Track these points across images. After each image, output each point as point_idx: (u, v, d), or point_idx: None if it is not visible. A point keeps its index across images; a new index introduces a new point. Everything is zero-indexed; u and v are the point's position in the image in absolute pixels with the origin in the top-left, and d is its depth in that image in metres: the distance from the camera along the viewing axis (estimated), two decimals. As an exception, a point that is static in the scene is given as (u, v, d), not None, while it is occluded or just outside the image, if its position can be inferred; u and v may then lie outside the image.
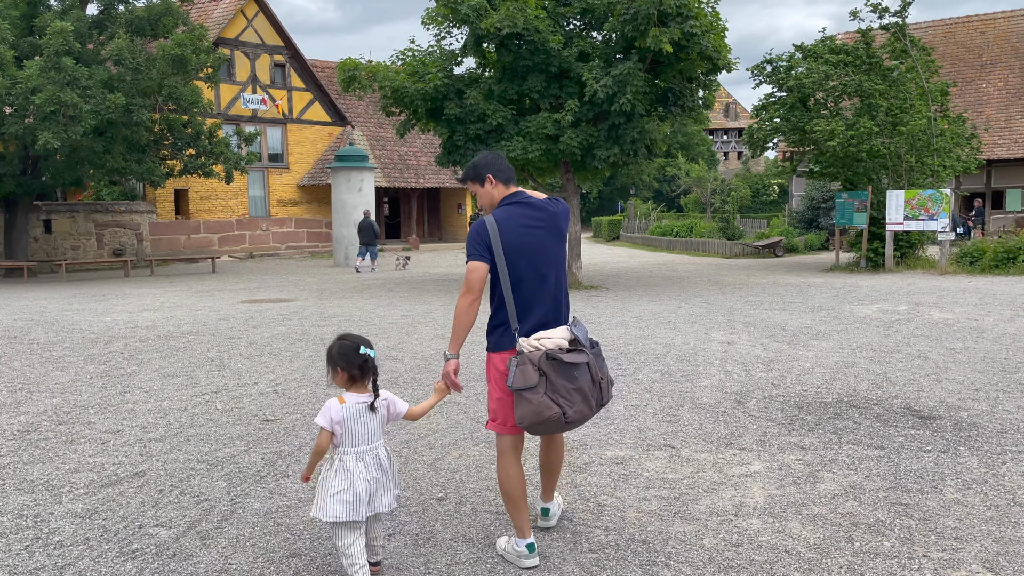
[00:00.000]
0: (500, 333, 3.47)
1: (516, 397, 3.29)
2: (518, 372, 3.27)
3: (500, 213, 3.48)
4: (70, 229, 23.52)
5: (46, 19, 17.36)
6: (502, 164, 3.57)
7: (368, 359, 3.32)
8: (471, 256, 3.40)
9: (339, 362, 3.33)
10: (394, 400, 3.45)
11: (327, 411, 3.31)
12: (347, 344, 3.33)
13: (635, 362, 7.90)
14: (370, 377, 3.36)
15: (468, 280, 3.39)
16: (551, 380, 3.26)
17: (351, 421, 3.31)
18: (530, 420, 3.27)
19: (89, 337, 9.91)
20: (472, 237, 3.42)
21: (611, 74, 13.67)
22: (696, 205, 53.73)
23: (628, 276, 18.33)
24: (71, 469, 4.87)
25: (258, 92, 27.96)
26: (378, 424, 3.39)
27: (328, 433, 3.33)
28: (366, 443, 3.33)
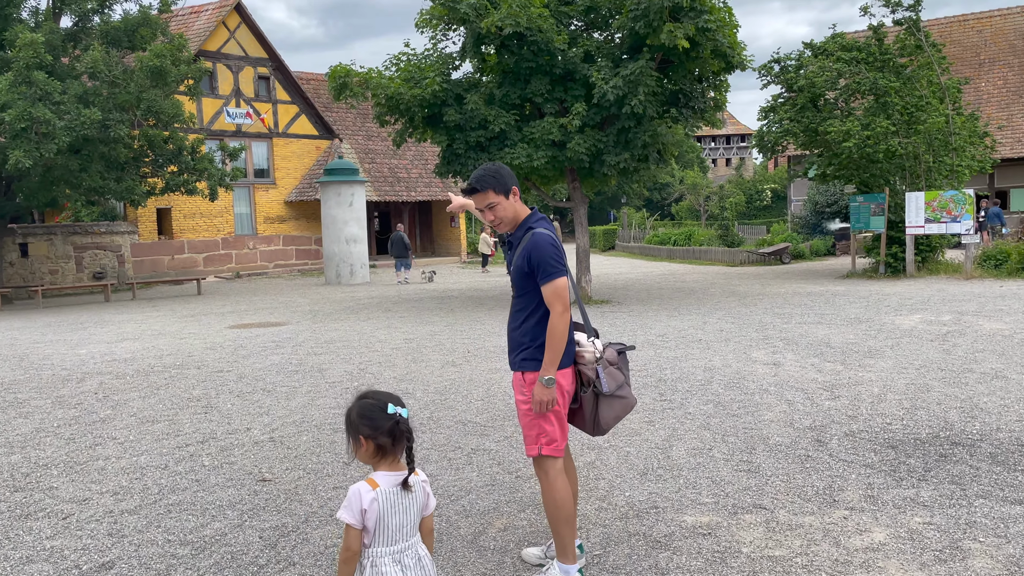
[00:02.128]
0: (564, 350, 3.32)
1: (606, 401, 3.39)
2: (608, 376, 3.38)
3: (548, 227, 3.38)
4: (48, 252, 22.42)
5: (15, 31, 16.35)
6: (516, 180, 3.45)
7: (399, 420, 2.57)
8: (558, 272, 3.25)
9: (362, 428, 2.56)
10: (428, 487, 2.71)
11: (355, 500, 2.52)
12: (371, 403, 2.58)
13: (679, 391, 6.98)
14: (403, 445, 2.59)
15: (563, 298, 3.24)
16: (624, 373, 3.48)
17: (387, 511, 2.54)
18: (622, 415, 3.47)
19: (60, 375, 8.89)
20: (552, 253, 3.27)
21: (621, 74, 12.82)
22: (689, 212, 53.06)
23: (637, 288, 17.44)
24: (22, 559, 3.88)
25: (242, 106, 26.98)
26: (418, 511, 2.63)
27: (358, 532, 2.54)
28: (404, 539, 2.57)
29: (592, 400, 3.40)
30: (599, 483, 4.68)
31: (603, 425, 3.42)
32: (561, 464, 3.38)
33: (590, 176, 14.82)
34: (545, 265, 3.22)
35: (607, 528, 4.02)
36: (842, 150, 16.57)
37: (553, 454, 3.33)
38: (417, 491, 2.62)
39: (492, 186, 3.34)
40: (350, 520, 2.52)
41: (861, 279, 17.09)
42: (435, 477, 4.89)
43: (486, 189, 3.35)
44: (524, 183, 15.44)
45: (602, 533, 3.96)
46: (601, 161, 13.77)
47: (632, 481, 4.69)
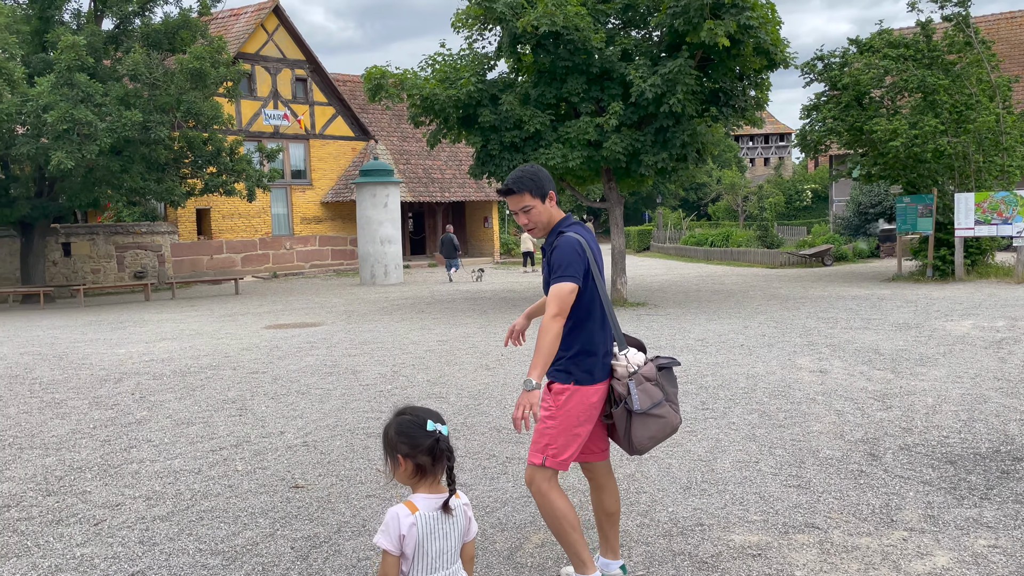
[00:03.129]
0: (595, 363, 3.20)
1: (640, 420, 3.16)
2: (641, 393, 3.15)
3: (582, 233, 3.26)
4: (90, 252, 22.80)
5: (57, 33, 16.60)
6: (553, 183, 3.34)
7: (439, 438, 2.40)
8: (571, 276, 3.10)
9: (400, 447, 2.39)
10: (470, 511, 2.52)
11: (392, 524, 2.35)
12: (409, 420, 2.42)
13: (720, 398, 6.75)
14: (443, 465, 2.42)
15: (563, 302, 3.08)
16: (666, 391, 3.23)
17: (426, 536, 2.36)
18: (660, 436, 3.21)
19: (98, 375, 8.93)
20: (572, 257, 3.13)
21: (659, 73, 12.59)
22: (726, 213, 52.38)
23: (673, 290, 17.15)
24: (51, 568, 3.82)
25: (279, 107, 27.18)
26: (458, 537, 2.45)
27: (395, 559, 2.36)
28: (444, 567, 2.39)
29: (625, 417, 3.19)
30: (640, 497, 4.50)
31: (636, 445, 3.20)
32: (555, 479, 3.23)
33: (627, 176, 14.60)
34: (560, 266, 3.13)
35: (650, 546, 3.84)
36: (888, 149, 16.13)
37: (557, 467, 3.19)
38: (459, 515, 2.45)
39: (529, 188, 3.25)
40: (388, 546, 2.36)
41: (908, 282, 16.61)
42: (469, 487, 4.75)
43: (523, 191, 3.25)
44: (559, 183, 15.26)
45: (645, 551, 3.78)
46: (638, 161, 13.54)
47: (675, 496, 4.50)
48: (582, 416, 3.19)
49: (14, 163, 17.90)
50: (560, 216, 3.34)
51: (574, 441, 3.20)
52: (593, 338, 3.21)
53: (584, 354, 3.19)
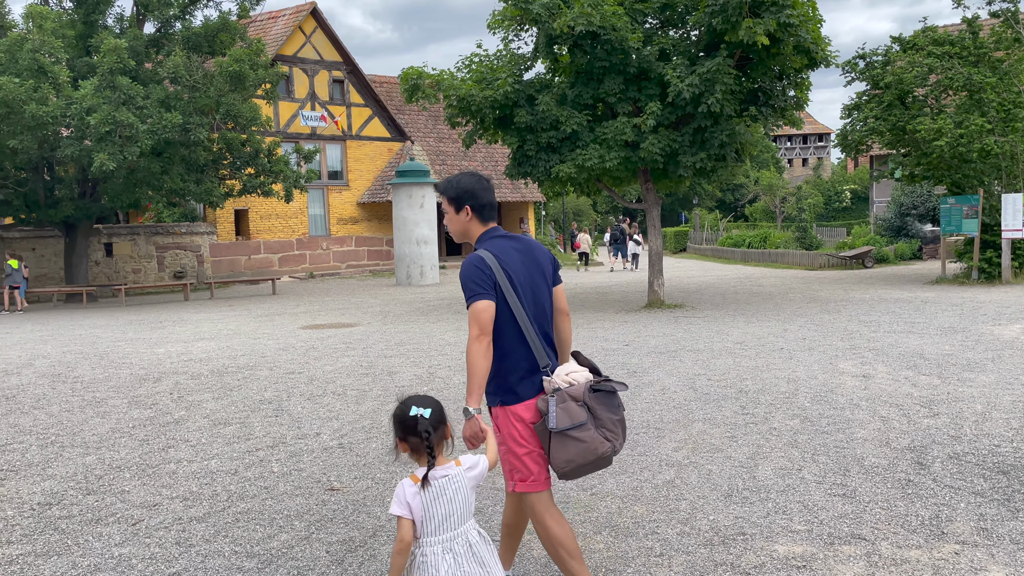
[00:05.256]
0: (518, 380, 3.07)
1: (558, 440, 2.97)
2: (560, 411, 2.96)
3: (494, 247, 3.14)
4: (131, 252, 23.21)
5: (100, 37, 16.91)
6: (487, 197, 3.22)
7: (419, 420, 2.69)
8: (477, 295, 3.00)
9: (397, 432, 2.76)
10: (472, 460, 2.81)
11: (400, 494, 2.67)
12: (400, 410, 2.75)
13: (761, 403, 6.61)
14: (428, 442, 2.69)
15: (480, 321, 2.96)
16: (597, 415, 3.02)
17: (431, 503, 2.66)
18: (579, 461, 2.97)
19: (138, 374, 9.05)
20: (472, 274, 3.04)
21: (697, 72, 12.42)
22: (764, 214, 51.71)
23: (711, 292, 16.94)
24: (90, 567, 3.84)
25: (317, 109, 27.43)
26: (466, 498, 2.74)
27: (409, 521, 2.67)
28: (452, 527, 2.69)
29: (545, 436, 3.03)
30: (680, 504, 4.41)
31: (555, 467, 3.00)
32: (546, 497, 3.12)
33: (664, 177, 14.44)
34: (465, 289, 3.05)
35: (691, 556, 3.75)
36: (932, 149, 15.74)
37: (530, 489, 3.09)
38: (460, 482, 2.71)
39: (447, 195, 3.23)
40: (401, 512, 2.65)
41: (952, 285, 16.20)
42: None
43: (443, 195, 3.26)
44: (595, 184, 15.16)
45: (686, 561, 3.69)
46: (676, 162, 13.38)
47: (716, 503, 4.40)
48: (522, 435, 3.08)
49: (59, 165, 18.29)
50: (479, 232, 3.23)
51: (532, 460, 3.08)
52: (510, 355, 3.08)
53: (502, 372, 3.09)
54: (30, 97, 15.30)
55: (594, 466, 3.03)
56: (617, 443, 3.06)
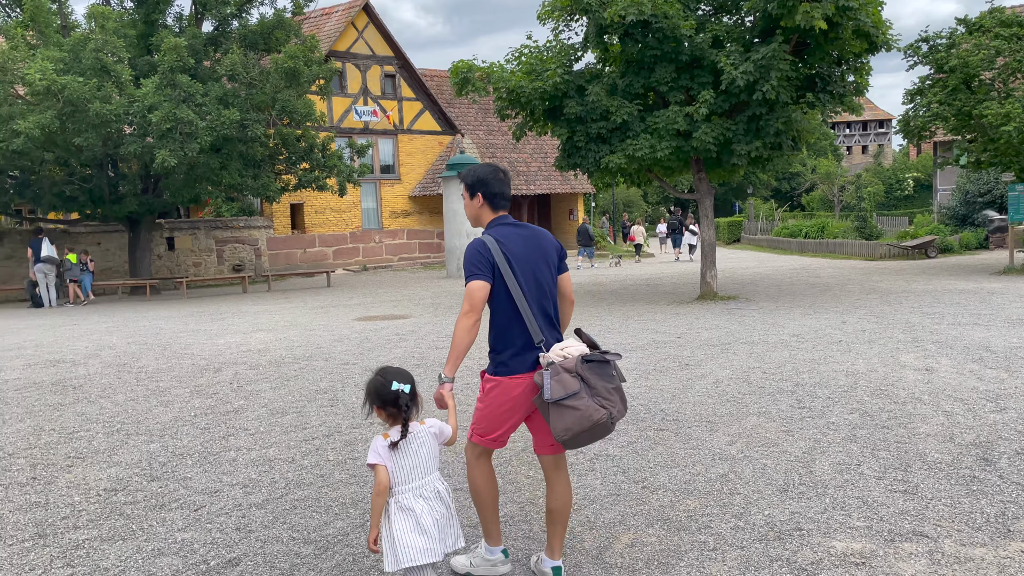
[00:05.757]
0: (510, 355, 3.34)
1: (555, 410, 3.17)
2: (554, 383, 3.17)
3: (498, 233, 3.41)
4: (192, 246, 23.83)
5: (161, 36, 17.37)
6: (499, 187, 3.47)
7: (400, 395, 3.06)
8: (473, 275, 3.29)
9: (374, 399, 3.11)
10: (441, 427, 3.23)
11: (375, 448, 3.09)
12: (380, 382, 3.10)
13: (818, 397, 6.48)
14: (407, 413, 3.08)
15: (472, 299, 3.26)
16: (591, 384, 3.21)
17: (400, 456, 3.08)
18: (577, 429, 3.16)
19: (199, 364, 9.30)
20: (472, 256, 3.33)
21: (752, 59, 12.18)
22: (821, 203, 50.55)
23: (766, 284, 16.64)
24: (154, 551, 3.97)
25: (369, 104, 27.73)
26: (427, 454, 3.15)
27: (384, 467, 3.06)
28: (420, 476, 3.11)
29: (544, 407, 3.24)
30: (734, 499, 4.35)
31: (556, 435, 3.20)
32: (481, 453, 3.47)
33: (717, 166, 14.23)
34: (464, 269, 3.33)
35: (745, 550, 3.70)
36: (1000, 135, 15.17)
37: (479, 443, 3.45)
38: (424, 439, 3.12)
39: (465, 183, 3.50)
40: (376, 461, 3.04)
41: (1020, 275, 15.61)
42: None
43: (462, 182, 3.55)
44: (646, 175, 15.01)
45: (740, 556, 3.64)
46: (729, 150, 13.16)
47: (771, 498, 4.33)
48: (505, 406, 3.35)
49: (122, 161, 18.84)
50: (489, 219, 3.49)
51: (500, 426, 3.40)
52: (506, 333, 3.34)
53: (499, 348, 3.35)
54: (94, 96, 15.79)
55: (591, 433, 3.19)
56: (614, 410, 3.21)
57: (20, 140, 15.57)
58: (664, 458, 5.08)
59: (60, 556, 3.93)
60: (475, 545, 3.72)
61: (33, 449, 5.87)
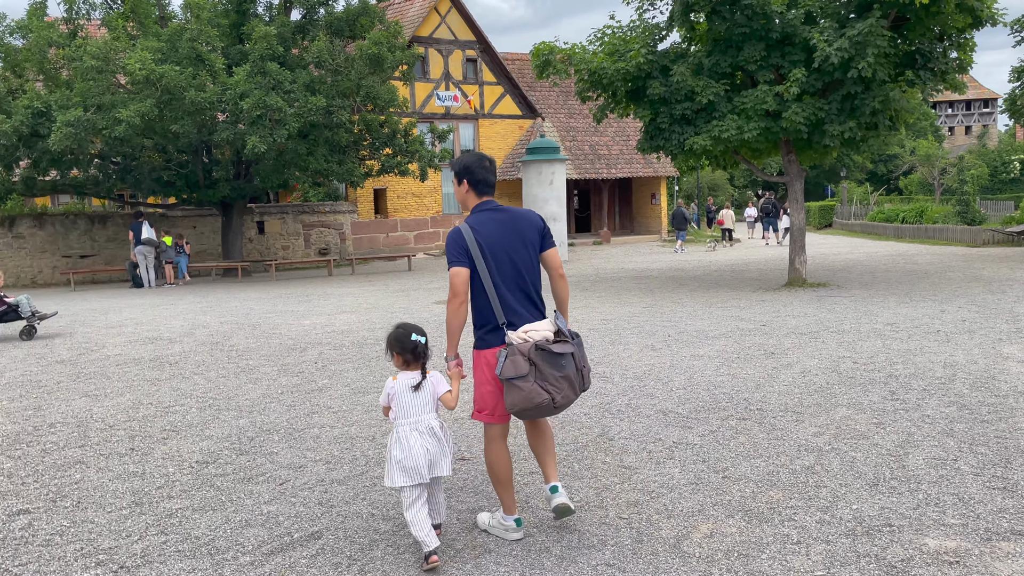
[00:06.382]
0: (486, 331, 3.70)
1: (507, 385, 3.54)
2: (508, 363, 3.52)
3: (474, 220, 3.71)
4: (280, 230, 24.59)
5: (251, 26, 17.88)
6: (483, 175, 3.75)
7: (418, 345, 3.66)
8: (452, 262, 3.63)
9: (394, 346, 3.70)
10: (439, 380, 3.70)
11: (385, 390, 3.72)
12: (402, 332, 3.68)
13: (913, 389, 6.19)
14: (421, 360, 3.68)
15: (452, 285, 3.63)
16: (540, 369, 3.53)
17: (402, 395, 3.64)
18: (521, 406, 3.54)
19: (286, 344, 9.60)
20: (450, 245, 3.66)
21: (847, 35, 11.67)
22: (920, 187, 48.27)
23: (859, 270, 16.01)
24: (241, 522, 4.12)
25: (451, 89, 27.92)
26: (424, 398, 3.66)
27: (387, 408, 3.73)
28: (416, 415, 3.64)
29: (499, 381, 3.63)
30: (820, 491, 4.20)
31: (507, 407, 3.58)
32: (495, 432, 3.75)
33: (808, 148, 13.73)
34: (447, 256, 3.66)
35: (831, 545, 3.57)
36: (1121, 111, 14.10)
37: (486, 420, 3.75)
38: (426, 385, 3.65)
39: (453, 168, 3.83)
40: (383, 403, 3.73)
41: None
42: (634, 470, 4.64)
43: (452, 169, 3.87)
44: (732, 157, 14.62)
45: (825, 551, 3.51)
46: (822, 131, 12.68)
47: (860, 492, 4.16)
48: (485, 379, 3.71)
49: (216, 148, 19.56)
50: (474, 204, 3.77)
51: (489, 398, 3.69)
52: (481, 311, 3.70)
53: (478, 325, 3.73)
54: (189, 84, 16.41)
55: (537, 411, 3.56)
56: (558, 396, 3.54)
57: (122, 128, 16.33)
58: (746, 448, 4.95)
59: (155, 524, 4.12)
60: (496, 509, 3.99)
61: (132, 422, 6.18)
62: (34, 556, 3.77)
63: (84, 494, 4.58)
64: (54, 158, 17.82)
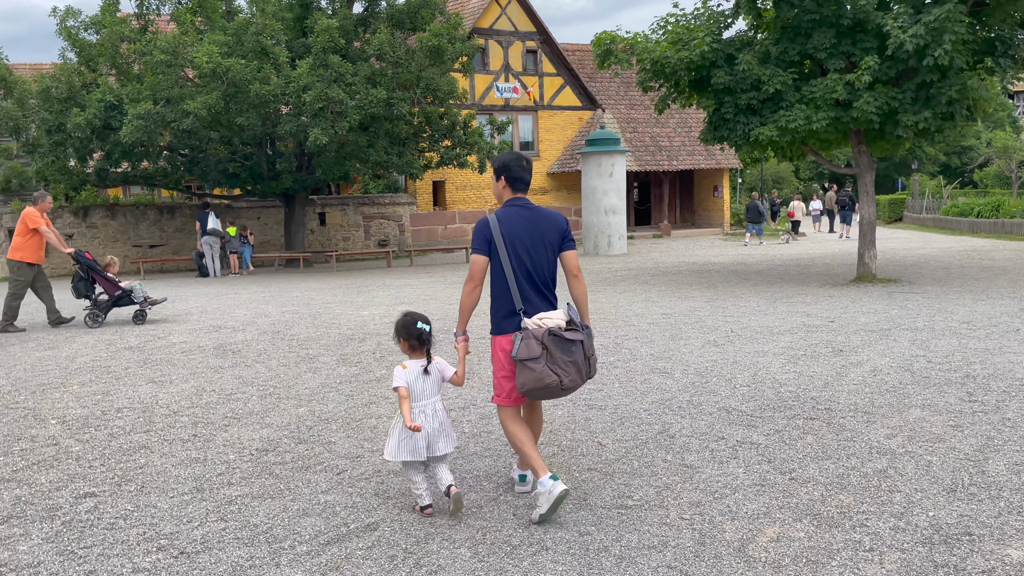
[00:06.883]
0: (502, 318, 3.97)
1: (519, 366, 3.80)
2: (523, 345, 3.78)
3: (502, 213, 4.00)
4: (341, 221, 24.92)
5: (315, 19, 18.10)
6: (519, 173, 4.04)
7: (423, 332, 3.97)
8: (474, 250, 3.96)
9: (401, 332, 4.01)
10: (444, 366, 4.07)
11: (397, 374, 3.99)
12: (409, 319, 4.01)
13: (992, 390, 5.88)
14: (426, 347, 4.00)
15: (471, 270, 3.95)
16: (551, 353, 3.78)
17: (413, 381, 3.97)
18: (531, 386, 3.79)
19: (345, 334, 9.68)
20: (475, 234, 3.98)
21: (923, 21, 11.18)
22: (997, 180, 46.31)
23: (932, 266, 15.40)
24: (299, 511, 4.13)
25: (510, 80, 27.83)
26: (432, 383, 4.01)
27: (405, 387, 3.96)
28: (424, 398, 3.99)
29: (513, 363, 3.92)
30: (894, 496, 4.00)
31: (518, 386, 3.83)
32: (509, 412, 4.04)
33: (880, 138, 13.24)
34: (472, 244, 3.97)
35: (906, 554, 3.38)
36: None
37: (500, 403, 4.06)
38: (433, 372, 4.00)
39: (493, 165, 4.12)
40: (399, 383, 3.97)
41: None
42: (695, 468, 4.50)
43: (492, 165, 4.14)
44: (800, 148, 14.20)
45: (900, 559, 3.33)
46: (895, 121, 12.20)
47: (937, 498, 3.95)
48: (500, 360, 4.01)
49: (279, 140, 19.89)
50: (507, 199, 4.05)
51: (505, 383, 4.00)
52: (499, 298, 3.97)
53: (494, 311, 4.00)
54: (254, 77, 16.70)
55: (545, 391, 3.80)
56: (566, 379, 3.78)
57: (189, 120, 16.73)
58: (815, 449, 4.76)
59: (215, 510, 4.16)
60: (534, 492, 4.08)
61: (195, 408, 6.29)
62: (98, 539, 3.85)
63: (148, 479, 4.67)
64: (125, 150, 18.36)
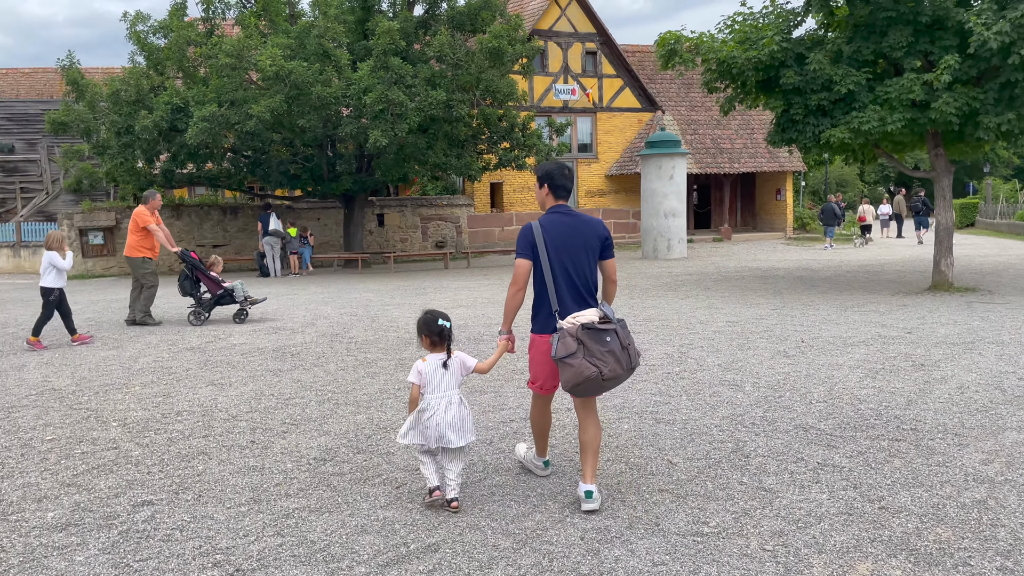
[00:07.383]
0: (543, 319, 4.19)
1: (560, 365, 3.94)
2: (560, 344, 3.93)
3: (545, 219, 4.20)
4: (399, 223, 25.00)
5: (376, 21, 18.15)
6: (562, 181, 4.26)
7: (444, 329, 4.17)
8: (518, 254, 4.17)
9: (423, 330, 4.20)
10: (465, 358, 4.25)
11: (415, 369, 4.18)
12: (430, 317, 4.20)
13: (1097, 413, 5.43)
14: (446, 342, 4.19)
15: (515, 274, 4.16)
16: (587, 346, 3.91)
17: (431, 375, 4.15)
18: (574, 381, 3.90)
19: (403, 337, 9.58)
20: (520, 239, 4.20)
21: (1007, 17, 10.59)
22: (1077, 184, 44.10)
23: (1012, 274, 14.64)
24: (357, 528, 3.98)
25: (569, 82, 27.57)
26: (451, 377, 4.18)
27: (417, 387, 4.18)
28: (445, 390, 4.15)
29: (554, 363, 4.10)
30: (997, 531, 3.67)
31: (562, 385, 3.99)
32: (539, 400, 4.39)
33: (959, 141, 12.63)
34: (516, 248, 4.20)
35: None
36: None
37: (533, 390, 4.37)
38: (453, 364, 4.18)
39: (536, 173, 4.36)
40: (414, 380, 4.18)
41: None
42: (775, 493, 4.22)
43: (535, 173, 4.38)
44: (872, 150, 13.64)
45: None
46: (975, 123, 11.59)
47: (1048, 537, 3.60)
48: (539, 358, 4.25)
49: (340, 142, 20.01)
50: (550, 205, 4.28)
51: (540, 375, 4.28)
52: (540, 300, 4.20)
53: (535, 311, 4.22)
54: (316, 79, 16.80)
55: (588, 384, 3.92)
56: (605, 369, 3.89)
57: (252, 123, 16.92)
58: (904, 475, 4.43)
59: (272, 524, 4.05)
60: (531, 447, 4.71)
61: (253, 413, 6.23)
62: (154, 552, 3.76)
63: (205, 487, 4.59)
64: (191, 151, 18.69)
